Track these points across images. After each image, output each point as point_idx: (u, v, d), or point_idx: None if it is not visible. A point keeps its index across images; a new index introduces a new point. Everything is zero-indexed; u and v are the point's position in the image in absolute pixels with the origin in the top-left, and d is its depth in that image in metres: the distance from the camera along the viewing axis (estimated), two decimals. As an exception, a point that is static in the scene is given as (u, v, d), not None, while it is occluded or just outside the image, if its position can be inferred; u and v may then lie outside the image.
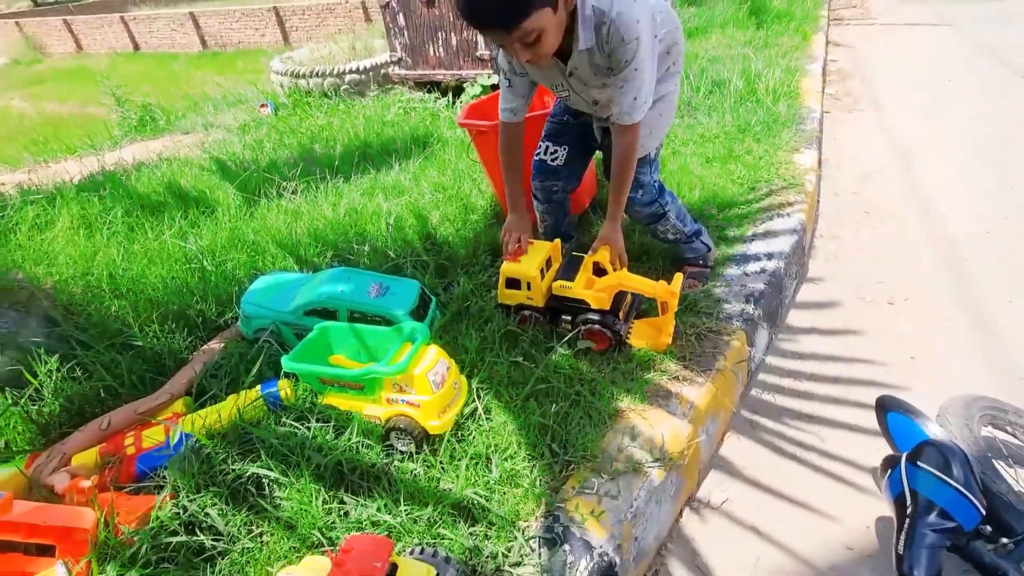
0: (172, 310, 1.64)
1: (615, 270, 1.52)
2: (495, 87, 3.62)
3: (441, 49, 3.66)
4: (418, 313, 1.54)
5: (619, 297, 1.52)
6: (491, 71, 3.58)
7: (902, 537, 0.94)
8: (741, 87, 3.36)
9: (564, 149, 1.71)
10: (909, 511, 0.95)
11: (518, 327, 1.57)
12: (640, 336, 1.57)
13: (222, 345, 1.58)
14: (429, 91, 3.94)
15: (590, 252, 1.54)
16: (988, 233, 2.41)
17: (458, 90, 3.82)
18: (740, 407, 1.69)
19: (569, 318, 1.52)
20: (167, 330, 1.57)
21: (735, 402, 1.64)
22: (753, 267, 1.89)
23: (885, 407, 1.23)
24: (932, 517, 0.92)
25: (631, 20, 1.24)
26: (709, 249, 1.87)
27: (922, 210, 2.67)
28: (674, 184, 2.38)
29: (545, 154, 1.71)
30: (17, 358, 1.45)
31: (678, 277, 1.50)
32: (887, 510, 1.15)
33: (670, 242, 1.83)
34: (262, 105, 4.06)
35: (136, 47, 19.58)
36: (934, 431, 1.13)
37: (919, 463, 0.98)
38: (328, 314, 1.51)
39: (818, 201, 2.78)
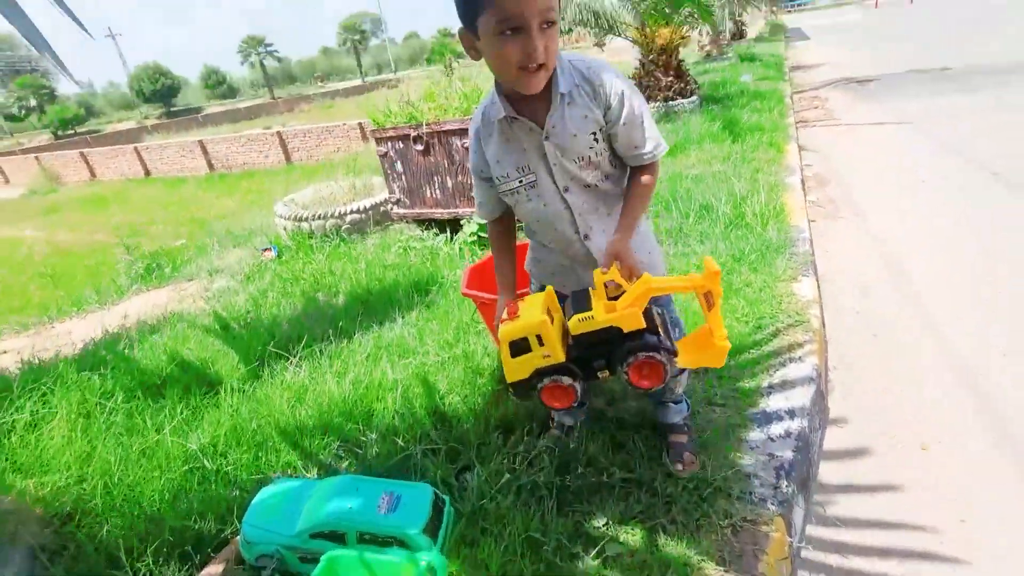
0: (169, 530, 1.53)
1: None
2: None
3: (438, 191, 3.85)
4: (432, 523, 1.43)
5: (648, 314, 1.19)
6: (487, 208, 3.74)
7: None
8: (729, 212, 3.49)
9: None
10: None
11: (545, 405, 1.23)
12: (688, 356, 1.22)
13: (221, 571, 1.46)
14: (427, 227, 4.09)
15: (600, 270, 1.20)
16: (1005, 356, 2.37)
17: (455, 226, 3.96)
18: (789, 599, 1.54)
19: (603, 361, 1.18)
20: (160, 561, 1.45)
21: (784, 601, 1.49)
22: (777, 429, 1.82)
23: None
24: None
25: (606, 64, 1.24)
26: (688, 407, 1.72)
27: (931, 329, 2.65)
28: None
29: None
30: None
31: (710, 261, 1.15)
32: None
33: (655, 397, 1.67)
34: (265, 250, 4.19)
35: (147, 173, 20.73)
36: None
37: None
38: (336, 535, 1.41)
39: (823, 325, 2.77)
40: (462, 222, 3.80)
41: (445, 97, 3.90)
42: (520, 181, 1.28)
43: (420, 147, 3.72)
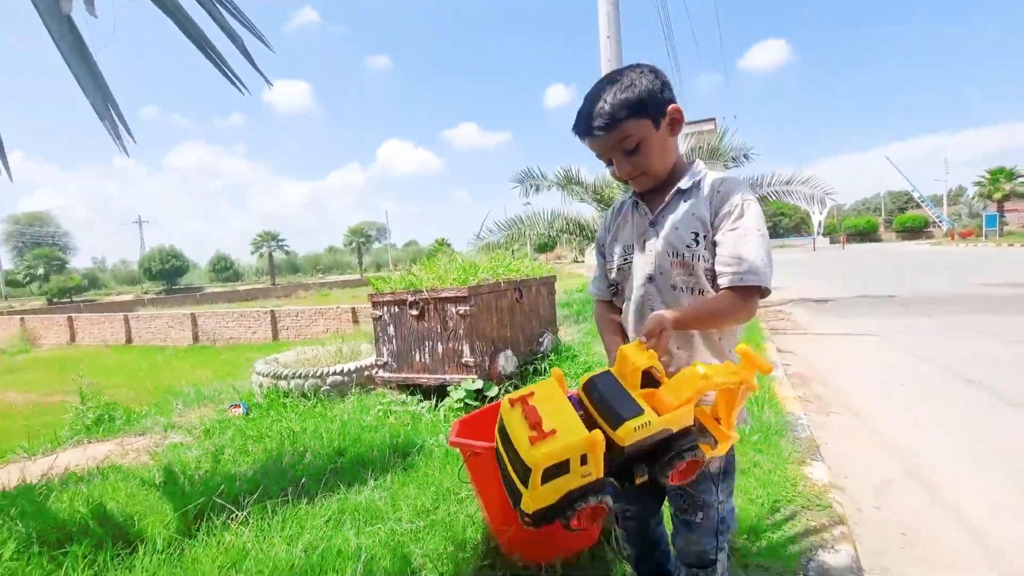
0: None
1: (666, 376, 1.04)
2: (479, 391, 3.62)
3: (427, 356, 3.80)
4: None
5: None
6: (475, 375, 3.64)
7: None
8: (723, 393, 3.43)
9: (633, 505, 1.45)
10: None
11: (573, 530, 0.94)
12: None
13: None
14: (412, 393, 3.92)
15: (640, 343, 1.07)
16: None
17: (441, 393, 3.80)
18: None
19: (644, 467, 0.98)
20: None
21: None
22: (826, 632, 1.47)
23: None
24: None
25: (743, 184, 1.24)
26: None
27: (970, 536, 2.37)
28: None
29: None
30: None
31: (745, 348, 1.02)
32: None
33: None
34: (234, 406, 3.90)
35: (129, 340, 20.51)
36: None
37: None
38: None
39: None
40: (449, 389, 3.66)
41: (444, 269, 4.14)
42: (624, 259, 1.34)
43: (415, 312, 3.79)
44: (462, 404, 3.47)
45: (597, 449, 0.90)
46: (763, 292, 1.18)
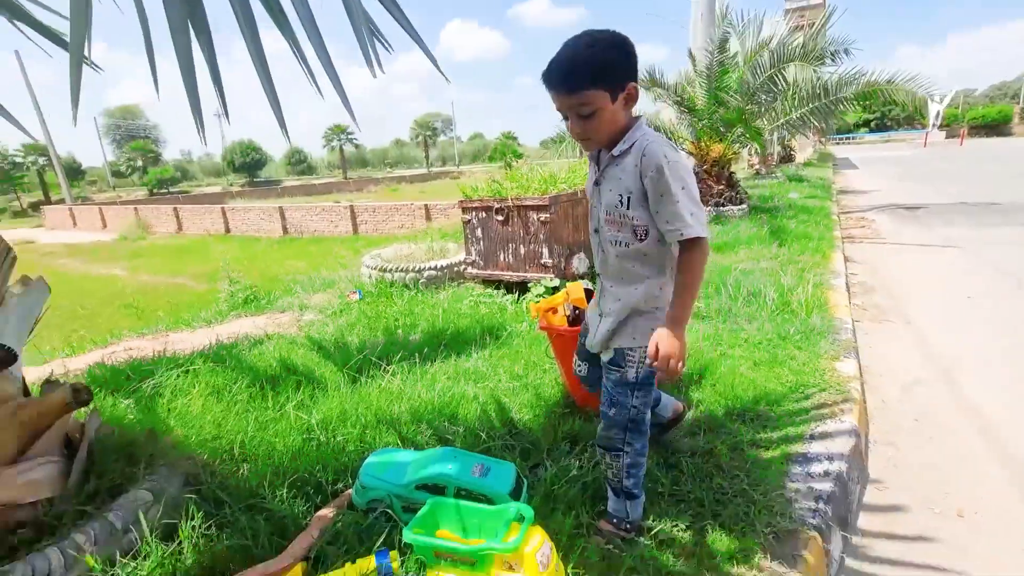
0: (293, 478, 1.86)
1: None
2: (555, 289, 4.20)
3: (511, 257, 4.37)
4: (515, 493, 1.71)
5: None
6: (552, 275, 4.21)
7: None
8: (775, 299, 3.80)
9: (585, 364, 1.84)
10: None
11: None
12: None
13: (334, 512, 1.76)
14: (496, 287, 4.57)
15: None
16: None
17: (522, 288, 4.42)
18: (826, 619, 1.68)
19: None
20: (291, 495, 1.78)
21: (821, 612, 1.64)
22: (817, 468, 2.03)
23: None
24: None
25: (667, 145, 1.35)
26: (630, 522, 1.68)
27: (978, 424, 2.77)
28: (726, 384, 2.63)
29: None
30: (163, 513, 1.66)
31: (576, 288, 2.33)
32: None
33: (606, 479, 1.71)
34: (352, 292, 4.74)
35: (228, 230, 22.79)
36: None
37: None
38: (437, 489, 1.71)
39: (865, 406, 2.94)
40: (529, 285, 4.27)
41: (527, 179, 4.56)
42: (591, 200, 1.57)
43: (501, 217, 4.30)
44: (539, 300, 4.08)
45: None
46: (702, 239, 1.34)
